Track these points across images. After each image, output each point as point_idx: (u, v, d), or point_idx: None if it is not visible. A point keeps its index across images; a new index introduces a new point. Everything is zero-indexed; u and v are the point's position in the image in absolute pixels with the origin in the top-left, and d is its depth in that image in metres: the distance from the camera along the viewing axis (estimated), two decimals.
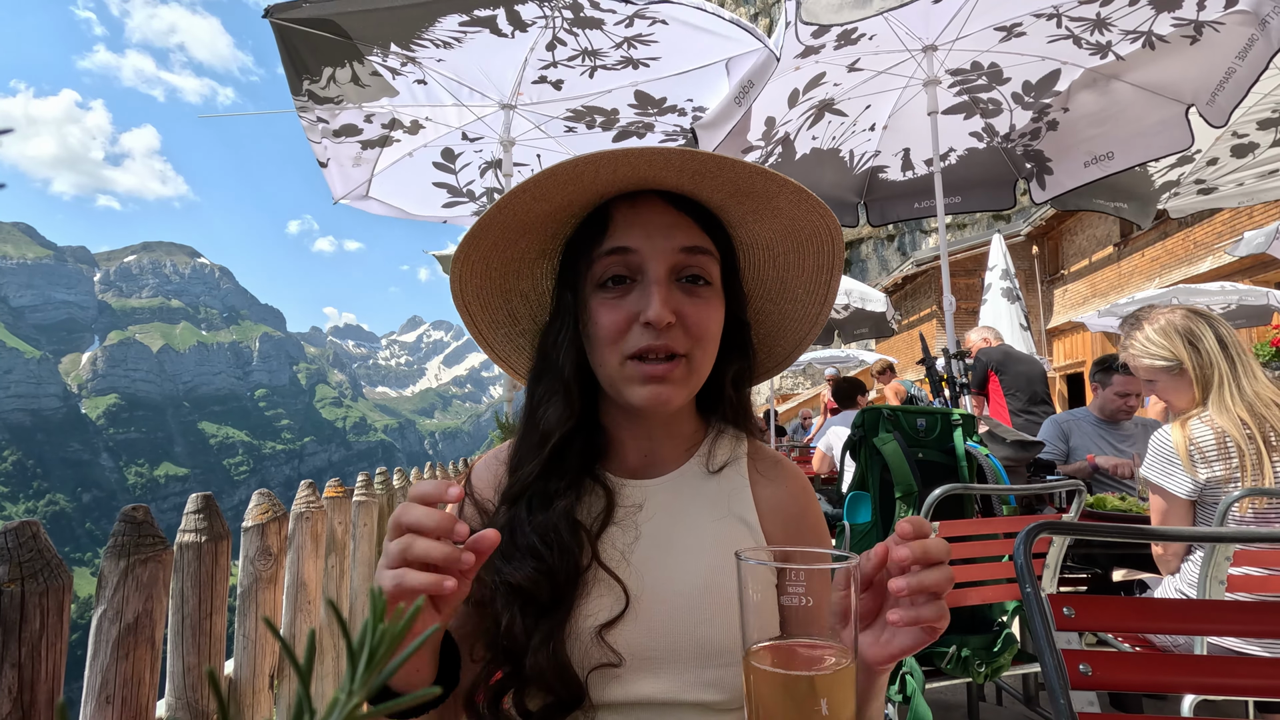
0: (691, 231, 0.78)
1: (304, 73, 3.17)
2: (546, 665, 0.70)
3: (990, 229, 18.53)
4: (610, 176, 0.75)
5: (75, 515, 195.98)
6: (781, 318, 0.91)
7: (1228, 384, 1.87)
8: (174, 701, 1.19)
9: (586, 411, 0.83)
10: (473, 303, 0.86)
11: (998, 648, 1.93)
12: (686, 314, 0.76)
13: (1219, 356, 1.90)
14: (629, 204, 0.79)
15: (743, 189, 0.76)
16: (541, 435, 0.80)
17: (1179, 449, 1.87)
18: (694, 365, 0.78)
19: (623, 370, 0.77)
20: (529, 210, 0.77)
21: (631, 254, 0.76)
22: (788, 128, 3.81)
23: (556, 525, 0.75)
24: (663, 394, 0.76)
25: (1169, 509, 1.92)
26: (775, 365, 0.95)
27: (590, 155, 0.70)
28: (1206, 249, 11.10)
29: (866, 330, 8.01)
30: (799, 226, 0.80)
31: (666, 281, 0.75)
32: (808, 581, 0.55)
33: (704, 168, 0.73)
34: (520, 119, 3.79)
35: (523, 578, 0.73)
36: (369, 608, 0.27)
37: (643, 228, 0.77)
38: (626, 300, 0.76)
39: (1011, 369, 4.63)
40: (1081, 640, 2.10)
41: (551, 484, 0.78)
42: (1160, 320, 2.02)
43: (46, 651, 0.82)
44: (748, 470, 0.87)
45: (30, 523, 0.84)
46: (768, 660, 0.54)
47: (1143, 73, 3.25)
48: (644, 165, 0.73)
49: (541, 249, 0.85)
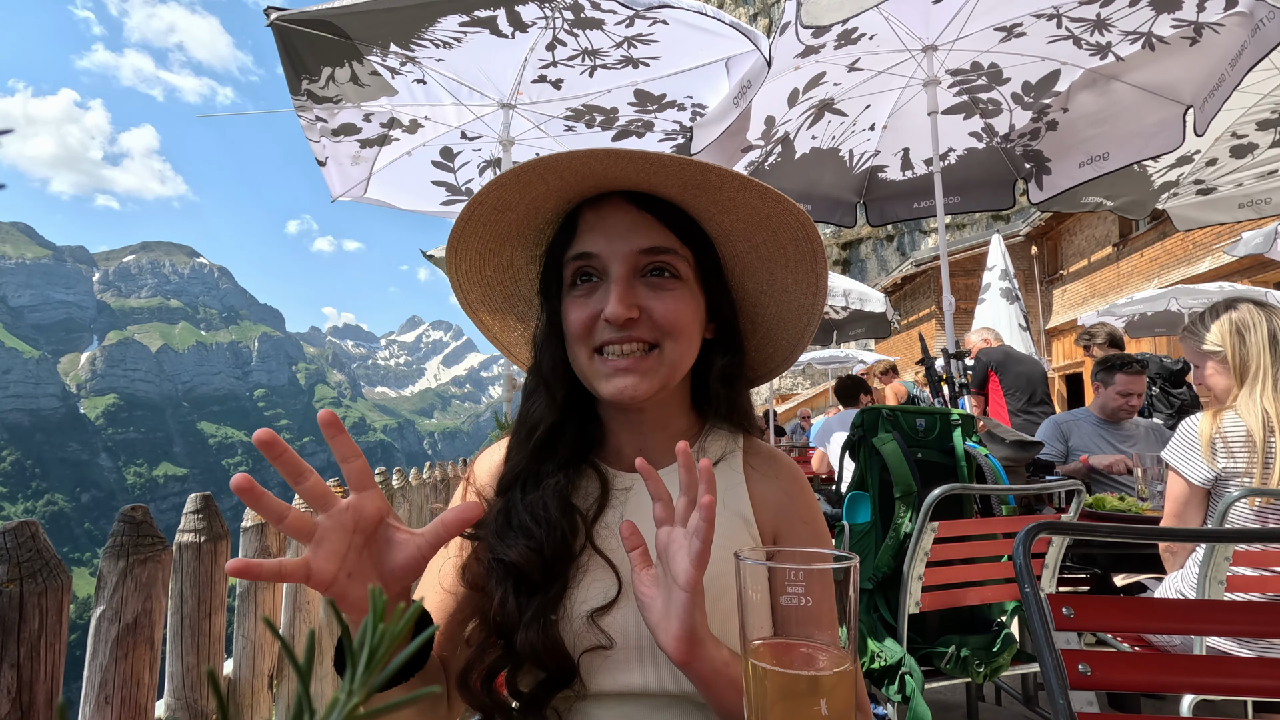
0: (653, 231, 0.80)
1: (303, 72, 3.17)
2: (538, 641, 0.72)
3: (989, 229, 18.55)
4: (558, 182, 0.78)
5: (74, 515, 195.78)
6: (778, 311, 0.91)
7: (1264, 379, 1.85)
8: (173, 702, 1.19)
9: (579, 406, 0.86)
10: (480, 310, 0.92)
11: (997, 648, 1.93)
12: (651, 307, 0.78)
13: (1264, 350, 1.88)
14: (594, 208, 0.82)
15: (693, 182, 0.78)
16: (529, 428, 0.84)
17: (1202, 437, 1.89)
18: (666, 356, 0.80)
19: (592, 365, 0.80)
20: (496, 220, 0.82)
21: (594, 258, 0.79)
22: (787, 127, 3.81)
23: (547, 503, 0.78)
24: (628, 386, 0.78)
25: (1183, 495, 1.93)
26: (778, 364, 0.96)
27: (533, 161, 0.74)
28: (1205, 249, 11.11)
29: (865, 330, 8.01)
30: (762, 215, 0.81)
31: (626, 280, 0.78)
32: (806, 581, 0.55)
33: (653, 165, 0.75)
34: (519, 118, 3.79)
35: (516, 555, 0.75)
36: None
37: (604, 231, 0.80)
38: (592, 299, 0.80)
39: (1012, 369, 4.63)
40: (1081, 640, 2.10)
41: (544, 468, 0.82)
42: (1223, 308, 2.01)
43: (45, 652, 0.82)
44: (743, 466, 0.88)
45: (29, 523, 0.84)
46: (768, 659, 0.54)
47: (1142, 73, 3.25)
48: (598, 165, 0.75)
49: (529, 256, 0.89)
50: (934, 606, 1.88)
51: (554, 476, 0.81)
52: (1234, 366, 1.92)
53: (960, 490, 1.88)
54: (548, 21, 3.04)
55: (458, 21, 2.99)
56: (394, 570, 0.61)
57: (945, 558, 1.89)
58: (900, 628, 1.85)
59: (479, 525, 0.83)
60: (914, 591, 1.85)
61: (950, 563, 1.91)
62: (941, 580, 1.89)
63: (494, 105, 3.68)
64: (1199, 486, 1.89)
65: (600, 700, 0.76)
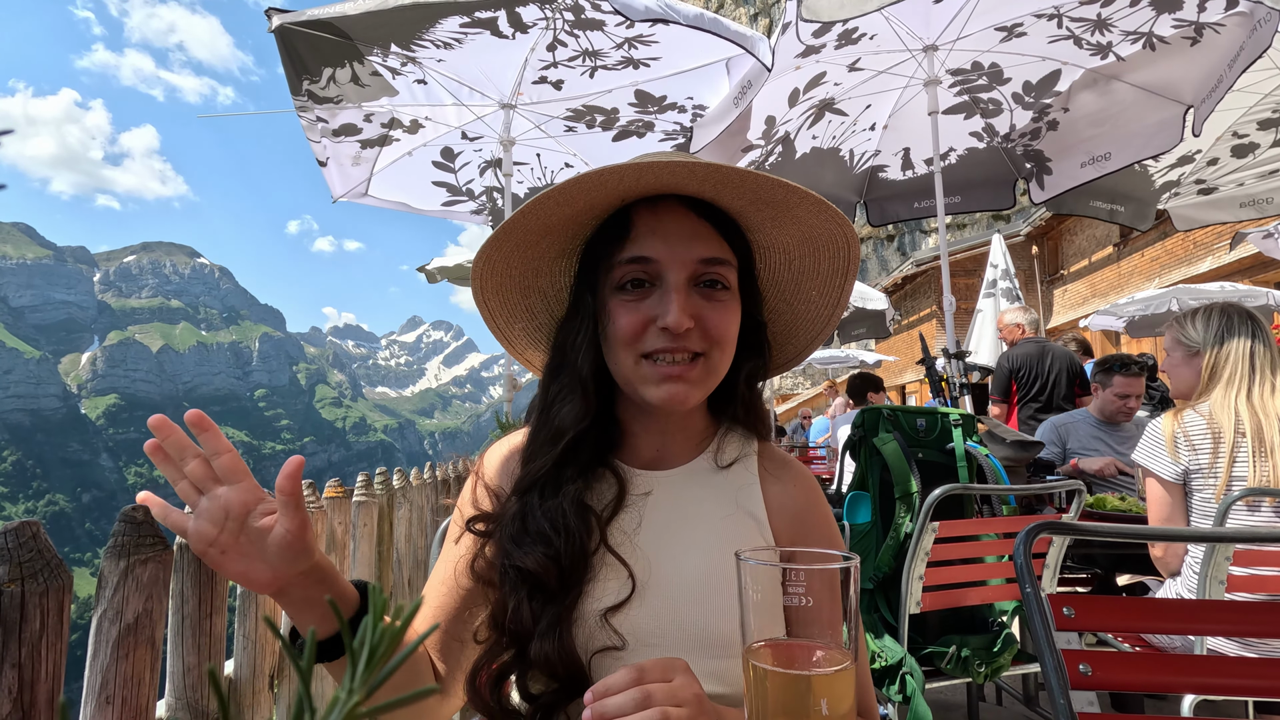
0: (711, 241, 0.79)
1: (304, 73, 3.17)
2: (552, 651, 0.72)
3: (990, 229, 18.53)
4: (633, 183, 0.76)
5: (75, 515, 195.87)
6: (794, 317, 0.92)
7: (1240, 384, 1.91)
8: (174, 701, 1.19)
9: (602, 407, 0.84)
10: (492, 299, 0.88)
11: (997, 648, 1.92)
12: (705, 318, 0.77)
13: (1242, 359, 1.94)
14: (650, 209, 0.80)
15: (763, 198, 0.77)
16: (556, 431, 0.81)
17: (1166, 435, 1.96)
18: (711, 365, 0.79)
19: (638, 370, 0.78)
20: (551, 214, 0.79)
21: (652, 263, 0.77)
22: (788, 127, 3.81)
23: (565, 510, 0.77)
24: (679, 393, 0.77)
25: (1161, 494, 1.98)
26: (786, 363, 0.96)
27: (615, 167, 0.72)
28: (1206, 249, 11.11)
29: (865, 330, 8.01)
30: (817, 234, 0.82)
31: (685, 289, 0.77)
32: (808, 582, 0.55)
33: (726, 178, 0.74)
34: (520, 118, 3.80)
35: (533, 563, 0.74)
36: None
37: (663, 236, 0.78)
38: (645, 304, 0.78)
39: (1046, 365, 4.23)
40: (1081, 640, 2.10)
41: (564, 473, 0.80)
42: (1218, 311, 2.06)
43: (46, 652, 0.82)
44: (757, 468, 0.89)
45: (30, 523, 0.84)
46: (767, 659, 0.54)
47: (1143, 73, 3.25)
48: (667, 175, 0.74)
49: (562, 249, 0.86)
50: (934, 606, 1.88)
51: (574, 483, 0.79)
52: (1206, 366, 1.99)
53: (961, 490, 1.88)
54: (548, 22, 3.05)
55: (458, 22, 2.99)
56: (273, 551, 0.65)
57: (946, 558, 1.89)
58: (901, 628, 1.85)
59: (490, 521, 0.82)
60: (914, 591, 1.85)
61: (951, 563, 1.91)
62: (942, 580, 1.89)
63: (494, 106, 3.68)
64: (1173, 483, 1.95)
65: None
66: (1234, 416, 1.87)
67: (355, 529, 2.28)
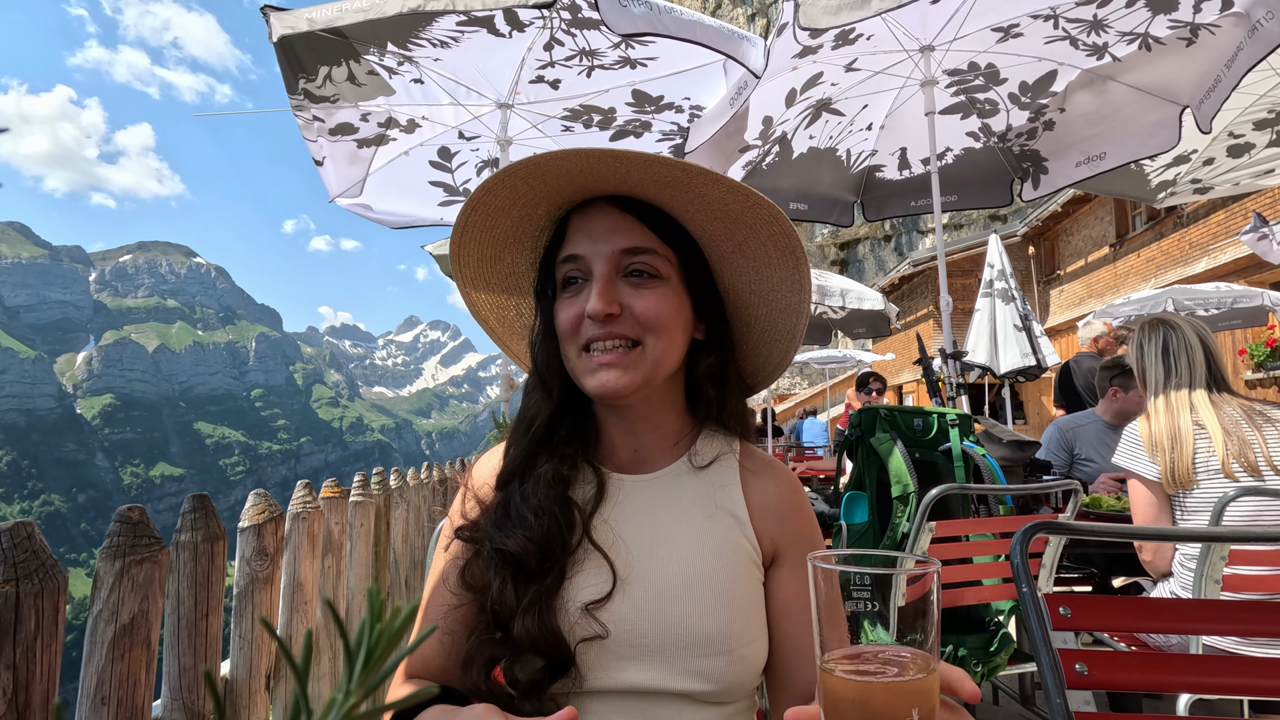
0: (633, 233, 0.83)
1: (300, 72, 3.16)
2: (534, 627, 0.74)
3: (987, 229, 18.57)
4: (542, 186, 0.82)
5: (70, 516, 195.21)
6: (768, 311, 0.92)
7: (1166, 389, 2.06)
8: (170, 702, 1.19)
9: (575, 403, 0.89)
10: (491, 318, 0.98)
11: (994, 647, 1.93)
12: (632, 304, 0.81)
13: (1156, 362, 2.10)
14: (581, 213, 0.85)
15: (663, 180, 0.80)
16: (527, 422, 0.88)
17: (1143, 437, 2.05)
18: (648, 353, 0.82)
19: (580, 362, 0.83)
20: (493, 226, 0.87)
21: (580, 259, 0.83)
22: (785, 127, 3.81)
23: (544, 494, 0.81)
24: (610, 379, 0.80)
25: (1145, 495, 2.02)
26: (775, 367, 0.96)
27: (508, 166, 0.79)
28: (1202, 250, 11.14)
29: (864, 330, 8.02)
30: (736, 211, 0.83)
31: (607, 278, 0.81)
32: (874, 586, 0.52)
33: (617, 162, 0.78)
34: (517, 118, 3.79)
35: (514, 545, 0.78)
36: (366, 608, 0.27)
37: (588, 234, 0.83)
38: (579, 299, 0.83)
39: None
40: (1078, 640, 2.11)
41: (541, 461, 0.85)
42: (1144, 324, 2.22)
43: (41, 653, 0.82)
44: (738, 468, 0.89)
45: (25, 523, 0.83)
46: (849, 668, 0.51)
47: (1139, 74, 3.26)
48: (570, 163, 0.78)
49: (529, 262, 0.93)
50: None
51: (550, 468, 0.83)
52: (1137, 376, 2.17)
53: (958, 490, 1.88)
54: (545, 22, 3.04)
55: (455, 21, 2.99)
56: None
57: (943, 557, 1.89)
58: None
59: (476, 526, 0.84)
60: None
61: (948, 562, 1.91)
62: None
63: (491, 105, 3.67)
64: (1154, 481, 2.00)
65: (597, 696, 0.77)
66: (1176, 419, 1.99)
67: (352, 529, 2.28)
